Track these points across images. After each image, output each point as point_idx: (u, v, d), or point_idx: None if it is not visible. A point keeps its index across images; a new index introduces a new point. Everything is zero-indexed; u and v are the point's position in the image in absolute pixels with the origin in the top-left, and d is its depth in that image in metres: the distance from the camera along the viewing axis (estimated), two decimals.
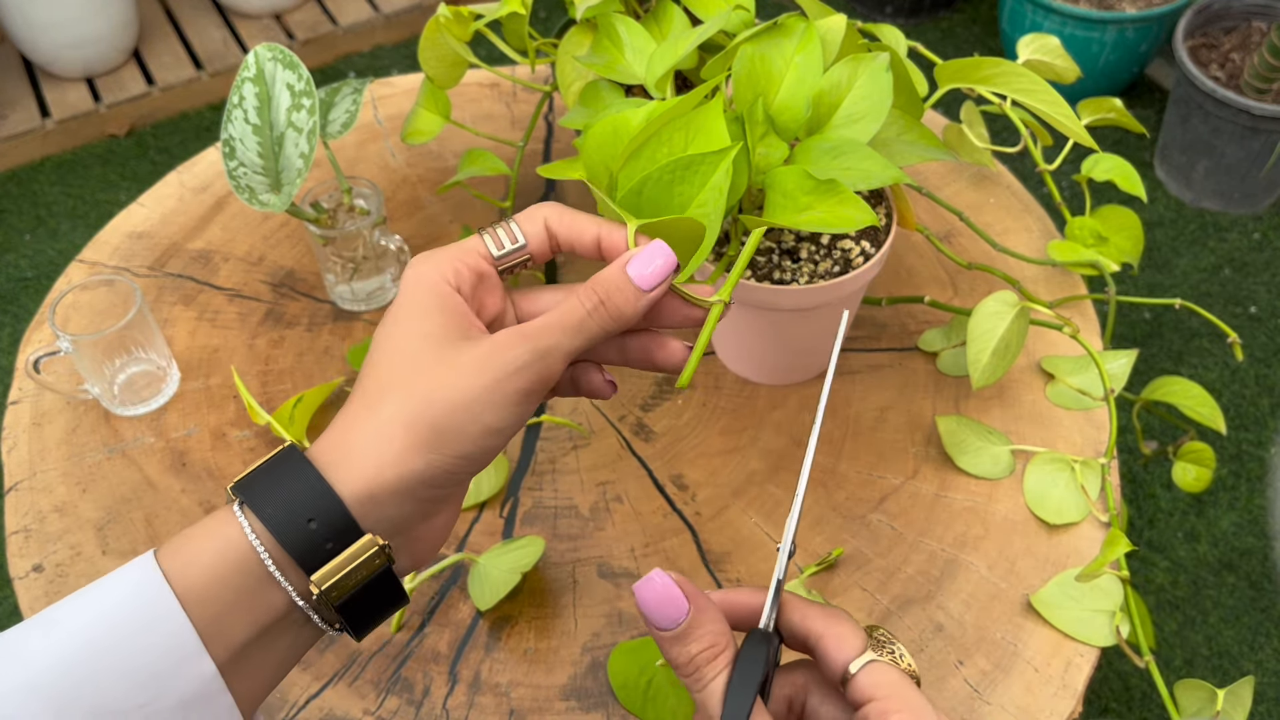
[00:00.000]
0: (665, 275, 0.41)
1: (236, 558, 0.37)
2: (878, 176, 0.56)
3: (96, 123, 1.95)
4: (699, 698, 0.40)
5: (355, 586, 0.38)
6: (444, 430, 0.38)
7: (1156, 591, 1.35)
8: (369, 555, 0.38)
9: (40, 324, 0.80)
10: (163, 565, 0.36)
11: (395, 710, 0.60)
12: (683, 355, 0.44)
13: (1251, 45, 1.74)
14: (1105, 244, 0.78)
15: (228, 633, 0.36)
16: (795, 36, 0.58)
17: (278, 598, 0.37)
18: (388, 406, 0.38)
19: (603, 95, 0.68)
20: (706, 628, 0.40)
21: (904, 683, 0.39)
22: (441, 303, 0.40)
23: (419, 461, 0.38)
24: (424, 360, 0.39)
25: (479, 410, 0.38)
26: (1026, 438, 0.71)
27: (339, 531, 0.37)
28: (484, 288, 0.42)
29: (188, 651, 0.36)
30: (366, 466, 0.38)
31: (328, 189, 0.78)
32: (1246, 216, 1.77)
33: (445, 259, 0.41)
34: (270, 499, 0.37)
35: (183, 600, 0.36)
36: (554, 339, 0.40)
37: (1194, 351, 1.58)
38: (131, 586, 0.36)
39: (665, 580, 0.40)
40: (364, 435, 0.38)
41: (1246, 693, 0.59)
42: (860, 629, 0.41)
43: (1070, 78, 0.79)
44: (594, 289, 0.41)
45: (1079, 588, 0.62)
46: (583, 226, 0.43)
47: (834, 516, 0.68)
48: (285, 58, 0.73)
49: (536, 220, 0.43)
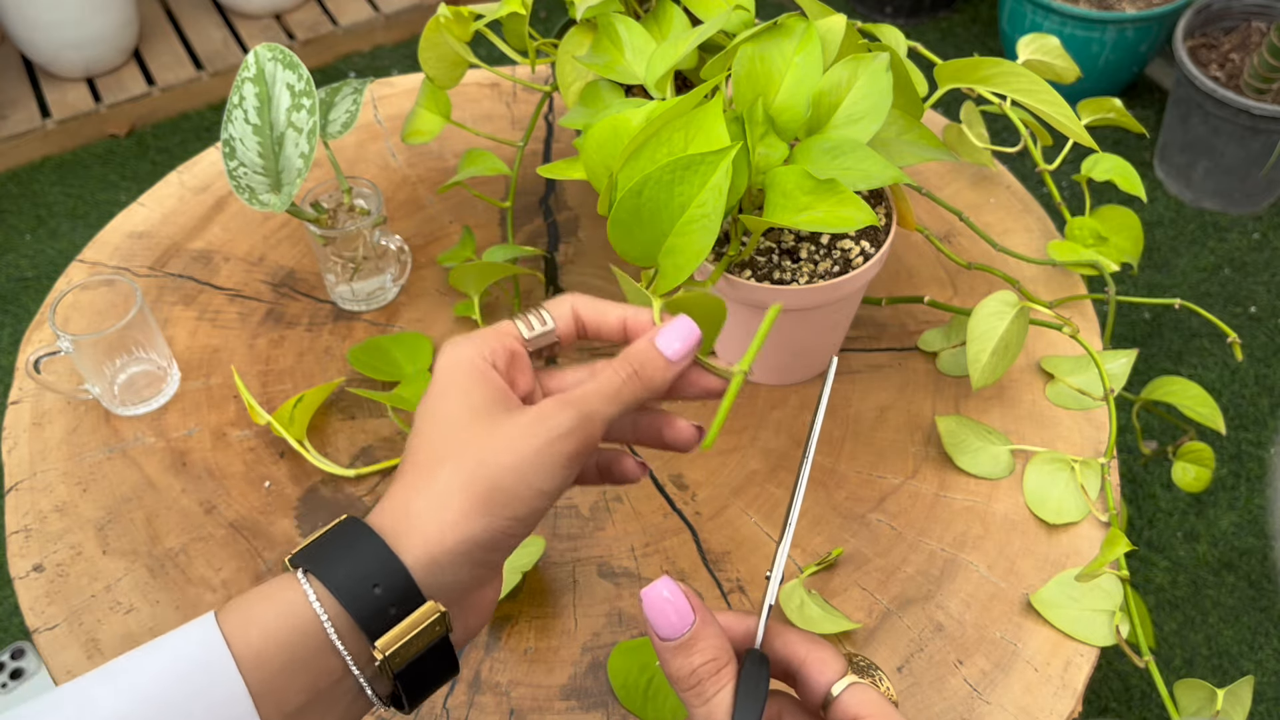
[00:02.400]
0: (691, 347, 0.44)
1: (297, 623, 0.38)
2: (877, 176, 0.56)
3: (96, 123, 1.95)
4: (699, 713, 0.40)
5: (416, 654, 0.39)
6: (498, 492, 0.40)
7: (1156, 591, 1.35)
8: (430, 623, 0.39)
9: (40, 324, 0.80)
10: (223, 627, 0.37)
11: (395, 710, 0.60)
12: (689, 435, 0.47)
13: (1251, 45, 1.74)
14: (1105, 244, 0.78)
15: (281, 697, 0.37)
16: (795, 36, 0.58)
17: (335, 664, 0.38)
18: (443, 474, 0.40)
19: (603, 95, 0.68)
20: (711, 640, 0.40)
21: (885, 705, 0.40)
22: (483, 378, 0.42)
23: (476, 525, 0.39)
24: (475, 429, 0.41)
25: (529, 472, 0.40)
26: (1026, 438, 0.71)
27: (402, 598, 0.38)
28: (515, 367, 0.45)
29: (240, 713, 0.36)
30: (428, 531, 0.39)
31: (328, 189, 0.78)
32: (1246, 216, 1.77)
33: (482, 341, 0.44)
34: (334, 566, 0.39)
35: (240, 662, 0.37)
36: (594, 405, 0.42)
37: (1194, 351, 1.58)
38: (192, 646, 0.37)
39: (672, 588, 0.41)
40: (423, 502, 0.40)
41: (1246, 692, 0.59)
42: (841, 655, 0.42)
43: (1070, 78, 0.79)
44: (628, 361, 0.43)
45: (1079, 587, 0.62)
46: (607, 311, 0.46)
47: (834, 516, 0.68)
48: (285, 58, 0.73)
49: (564, 306, 0.46)
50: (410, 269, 0.83)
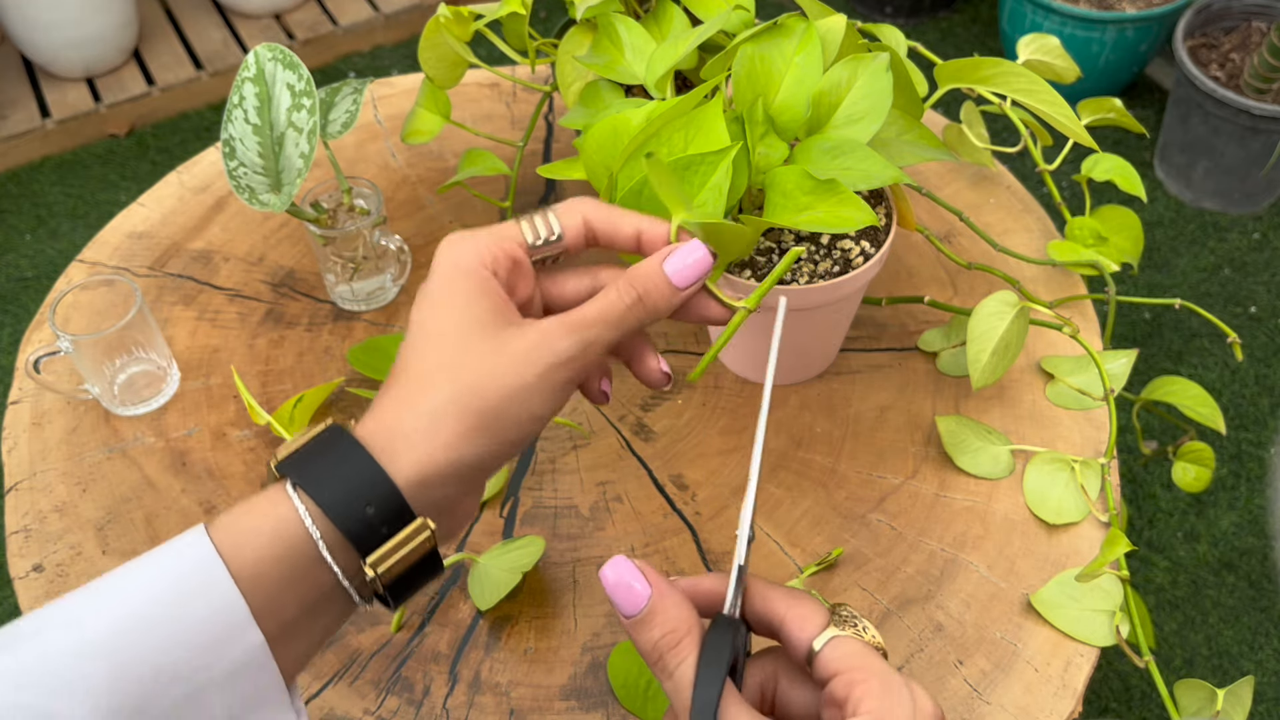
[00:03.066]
0: (701, 274, 0.42)
1: (290, 540, 0.38)
2: (877, 176, 0.56)
3: (96, 123, 1.95)
4: (667, 687, 0.39)
5: (406, 568, 0.39)
6: (495, 417, 0.39)
7: (1156, 591, 1.35)
8: (421, 539, 0.39)
9: (40, 324, 0.80)
10: (215, 540, 0.37)
11: (395, 710, 0.60)
12: (658, 378, 0.45)
13: (1251, 45, 1.74)
14: (1105, 244, 0.78)
15: (277, 609, 0.37)
16: (795, 36, 0.58)
17: (326, 578, 0.38)
18: (437, 393, 0.39)
19: (603, 95, 0.68)
20: (669, 613, 0.40)
21: (868, 653, 0.39)
22: (482, 287, 0.41)
23: (469, 448, 0.39)
24: (471, 347, 0.40)
25: (528, 398, 0.39)
26: (1026, 438, 0.71)
27: (393, 516, 0.38)
28: (516, 273, 0.43)
29: (238, 623, 0.36)
30: (419, 453, 0.39)
31: (328, 189, 0.78)
32: (1246, 216, 1.77)
33: (484, 243, 0.42)
34: (326, 483, 0.38)
35: (235, 577, 0.36)
36: (597, 332, 0.41)
37: (1194, 351, 1.58)
38: (186, 561, 0.37)
39: (627, 565, 0.40)
40: (415, 420, 0.39)
41: (1246, 692, 0.59)
42: (823, 608, 0.41)
43: (1070, 78, 0.79)
44: (633, 284, 0.42)
45: (1079, 587, 0.62)
46: (621, 221, 0.43)
47: (834, 516, 0.68)
48: (285, 58, 0.73)
49: (575, 214, 0.43)
50: (410, 269, 0.83)
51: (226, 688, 0.37)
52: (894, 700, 0.37)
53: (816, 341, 0.72)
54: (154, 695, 0.35)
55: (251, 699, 0.38)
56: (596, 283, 0.45)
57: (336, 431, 0.40)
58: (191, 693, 0.36)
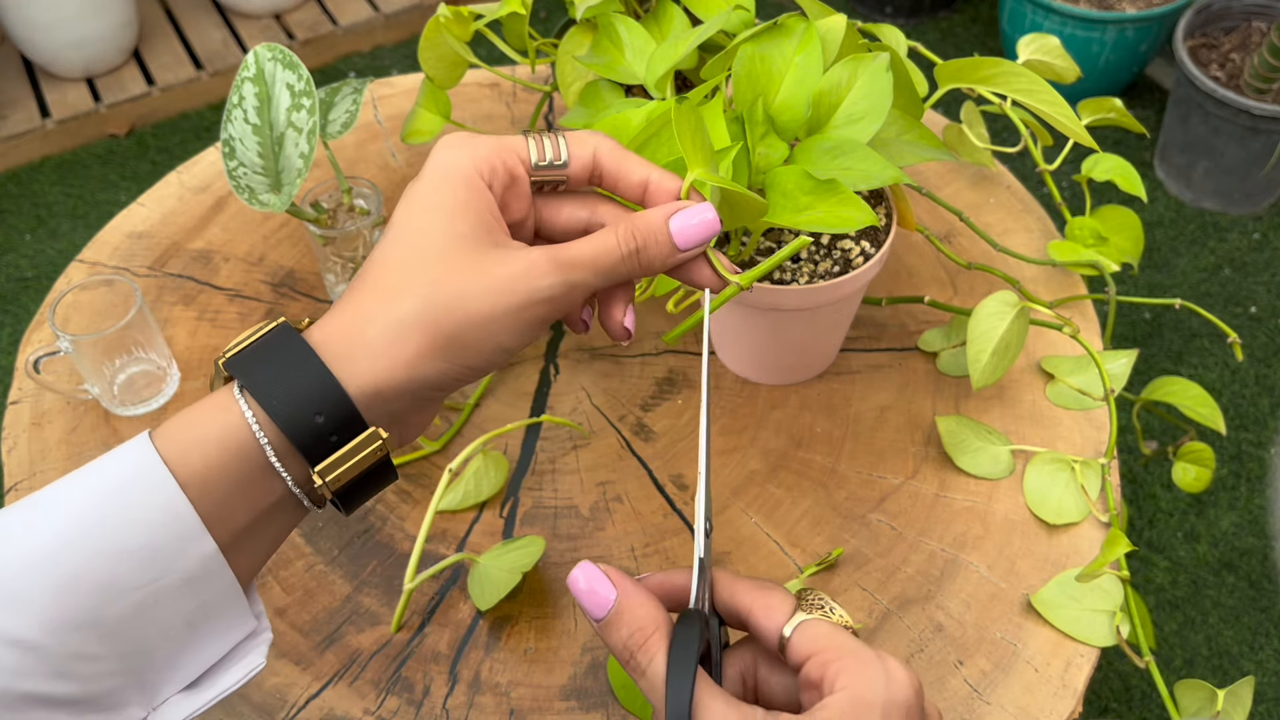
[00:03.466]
0: (705, 238, 0.41)
1: (238, 447, 0.37)
2: (878, 176, 0.56)
3: (96, 123, 1.95)
4: (642, 685, 0.39)
5: (356, 475, 0.38)
6: (460, 342, 0.38)
7: (1156, 591, 1.35)
8: (372, 449, 0.38)
9: (40, 324, 0.80)
10: (161, 450, 0.36)
11: (395, 710, 0.60)
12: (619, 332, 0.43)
13: (1251, 45, 1.74)
14: (1105, 244, 0.78)
15: (227, 517, 0.37)
16: (795, 36, 0.58)
17: (276, 485, 0.38)
18: (405, 305, 0.38)
19: (603, 95, 0.68)
20: (635, 612, 0.39)
21: (837, 632, 0.39)
22: (473, 199, 0.39)
23: (430, 368, 0.38)
24: (451, 262, 0.38)
25: (497, 329, 0.38)
26: (1026, 438, 0.71)
27: (344, 426, 0.37)
28: (513, 190, 0.41)
29: (189, 532, 0.36)
30: (377, 365, 0.37)
31: (328, 189, 0.78)
32: (1246, 216, 1.77)
33: (484, 151, 0.40)
34: (275, 389, 0.37)
35: (184, 486, 0.36)
36: (585, 274, 0.39)
37: (1194, 351, 1.58)
38: (128, 467, 0.36)
39: (590, 569, 0.40)
40: (377, 331, 0.38)
41: (1246, 693, 0.59)
42: (789, 595, 0.41)
43: (1070, 78, 0.79)
44: (633, 234, 0.40)
45: (1079, 588, 0.62)
46: (632, 166, 0.42)
47: (834, 516, 0.68)
48: (285, 58, 0.73)
49: (586, 145, 0.42)
50: None
51: (181, 597, 0.36)
52: (868, 675, 0.37)
53: (816, 341, 0.72)
54: (104, 606, 0.35)
55: (209, 607, 0.37)
56: (594, 217, 0.43)
57: (286, 332, 0.38)
58: (144, 602, 0.35)
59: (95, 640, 0.35)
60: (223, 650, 0.39)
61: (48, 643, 0.34)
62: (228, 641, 0.39)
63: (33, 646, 0.34)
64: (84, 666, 0.35)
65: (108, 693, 0.36)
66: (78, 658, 0.35)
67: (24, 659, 0.34)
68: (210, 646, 0.39)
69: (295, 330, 0.38)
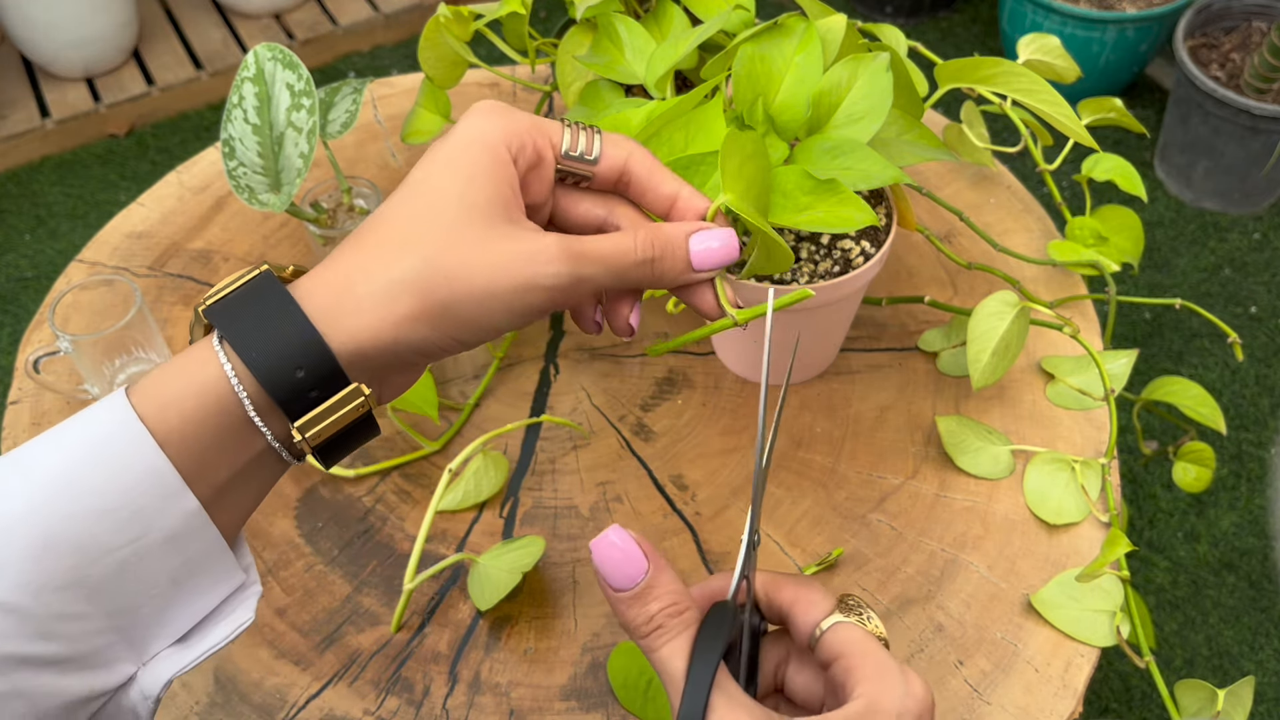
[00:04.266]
0: (722, 262, 0.40)
1: (216, 402, 0.36)
2: (878, 176, 0.56)
3: (96, 123, 1.95)
4: (659, 656, 0.39)
5: (336, 431, 0.38)
6: (453, 313, 0.37)
7: (1157, 591, 1.35)
8: (354, 404, 0.37)
9: (40, 324, 0.80)
10: (138, 407, 0.36)
11: (395, 710, 0.60)
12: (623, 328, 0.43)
13: (1252, 45, 1.74)
14: (1105, 244, 0.78)
15: (208, 473, 0.36)
16: (795, 36, 0.58)
17: (257, 440, 0.37)
18: (403, 263, 0.37)
19: (603, 95, 0.68)
20: (666, 586, 0.39)
21: (868, 639, 0.39)
22: (495, 170, 0.38)
23: (417, 332, 0.37)
24: (460, 229, 0.37)
25: (494, 307, 0.37)
26: (1027, 438, 0.71)
27: (325, 380, 0.36)
28: (536, 172, 0.40)
29: (170, 490, 0.35)
30: (363, 321, 0.37)
31: (327, 189, 0.78)
32: (1246, 216, 1.77)
33: (516, 125, 0.39)
34: (254, 341, 0.36)
35: (162, 443, 0.35)
36: (595, 271, 0.38)
37: (1194, 351, 1.58)
38: (104, 426, 0.35)
39: (624, 537, 0.39)
40: (369, 288, 0.37)
41: (1247, 693, 0.59)
42: (830, 596, 0.41)
43: (1070, 77, 0.79)
44: (652, 243, 0.39)
45: (1079, 588, 0.62)
46: (664, 179, 0.41)
47: (834, 516, 0.68)
48: (285, 57, 0.73)
49: (621, 148, 0.41)
50: None
51: (165, 555, 0.36)
52: (887, 684, 0.38)
53: (816, 341, 0.72)
54: (85, 566, 0.34)
55: (194, 563, 0.37)
56: (611, 217, 0.42)
57: (268, 280, 0.37)
58: (127, 561, 0.35)
59: (80, 600, 0.35)
60: (211, 604, 0.39)
61: (29, 604, 0.34)
62: (215, 596, 0.39)
63: (13, 609, 0.34)
64: (69, 626, 0.35)
65: (95, 651, 0.36)
66: (62, 618, 0.34)
67: (5, 621, 0.33)
68: (198, 601, 0.38)
69: (278, 279, 0.38)
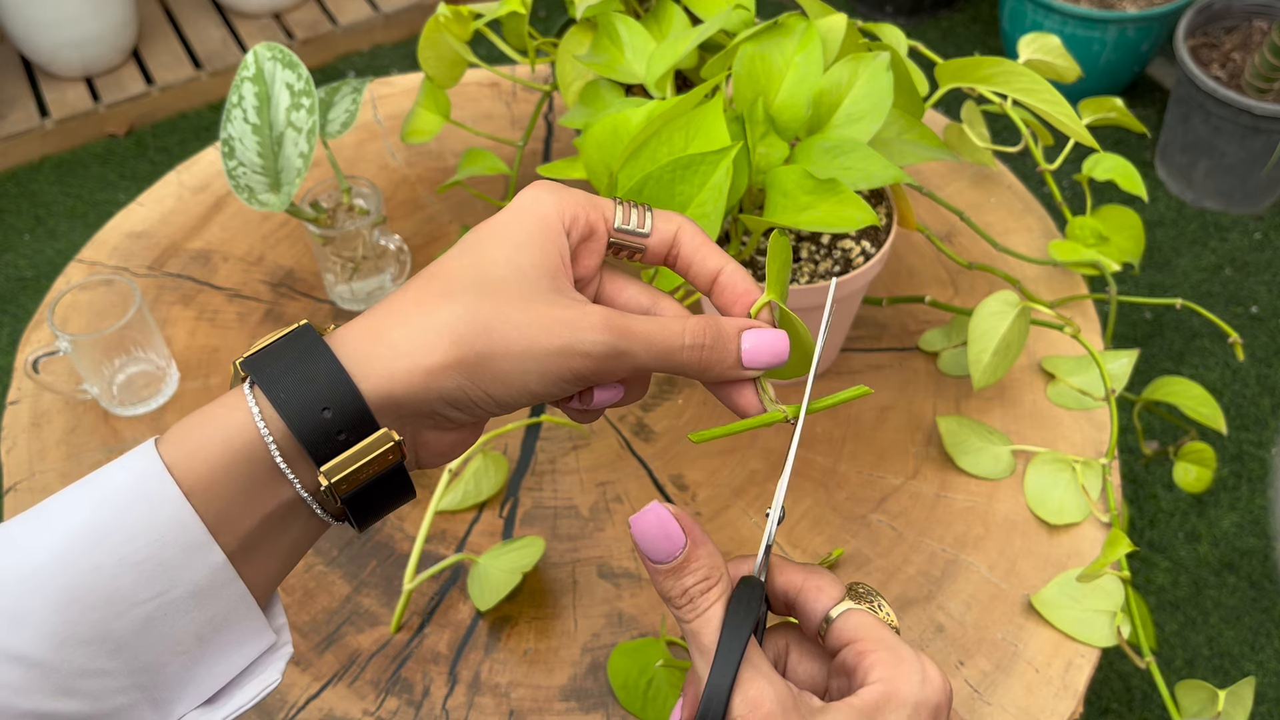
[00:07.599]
0: (769, 364, 0.41)
1: (244, 447, 0.35)
2: (878, 176, 0.55)
3: (95, 122, 1.95)
4: (692, 627, 0.39)
5: (365, 481, 0.37)
6: (489, 365, 0.37)
7: (1157, 592, 1.35)
8: (383, 450, 0.36)
9: (39, 324, 0.80)
10: (165, 455, 0.35)
11: (395, 711, 0.60)
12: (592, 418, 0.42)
13: (1252, 45, 1.74)
14: (1106, 244, 0.78)
15: (235, 524, 0.36)
16: (795, 36, 0.58)
17: (284, 489, 0.36)
18: (444, 312, 0.37)
19: (603, 95, 0.68)
20: (703, 560, 0.39)
21: (881, 626, 0.39)
22: (547, 239, 0.39)
23: (451, 380, 0.36)
24: (504, 288, 0.37)
25: (531, 367, 0.37)
26: (1027, 438, 0.71)
27: (353, 424, 0.36)
28: (588, 245, 0.41)
29: (195, 543, 0.35)
30: (396, 365, 0.36)
31: (327, 189, 0.78)
32: (1247, 216, 1.77)
33: (572, 200, 0.40)
34: (284, 382, 0.36)
35: (188, 492, 0.35)
36: (638, 347, 0.38)
37: (1195, 351, 1.58)
38: (133, 477, 0.35)
39: (662, 513, 0.39)
40: (407, 332, 0.37)
41: (1247, 693, 0.59)
42: (840, 583, 0.41)
43: (1071, 77, 0.79)
44: (704, 332, 0.40)
45: (1080, 588, 0.62)
46: (709, 255, 0.42)
47: (834, 516, 0.68)
48: (285, 57, 0.73)
49: (671, 222, 0.42)
50: (410, 269, 0.82)
51: (191, 609, 0.35)
52: (904, 670, 0.37)
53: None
54: (110, 620, 0.34)
55: (220, 620, 0.36)
56: (655, 306, 0.43)
57: (305, 329, 0.37)
58: (153, 615, 0.34)
59: (103, 655, 0.34)
60: (240, 664, 0.38)
61: (51, 658, 0.33)
62: (245, 656, 0.38)
63: (35, 663, 0.33)
64: (91, 683, 0.34)
65: (117, 710, 0.35)
66: (84, 674, 0.34)
67: (25, 675, 0.33)
68: (226, 661, 0.37)
69: (315, 330, 0.38)
